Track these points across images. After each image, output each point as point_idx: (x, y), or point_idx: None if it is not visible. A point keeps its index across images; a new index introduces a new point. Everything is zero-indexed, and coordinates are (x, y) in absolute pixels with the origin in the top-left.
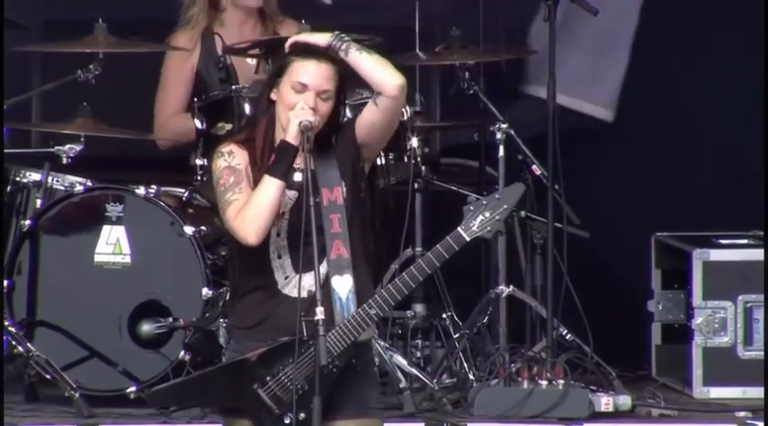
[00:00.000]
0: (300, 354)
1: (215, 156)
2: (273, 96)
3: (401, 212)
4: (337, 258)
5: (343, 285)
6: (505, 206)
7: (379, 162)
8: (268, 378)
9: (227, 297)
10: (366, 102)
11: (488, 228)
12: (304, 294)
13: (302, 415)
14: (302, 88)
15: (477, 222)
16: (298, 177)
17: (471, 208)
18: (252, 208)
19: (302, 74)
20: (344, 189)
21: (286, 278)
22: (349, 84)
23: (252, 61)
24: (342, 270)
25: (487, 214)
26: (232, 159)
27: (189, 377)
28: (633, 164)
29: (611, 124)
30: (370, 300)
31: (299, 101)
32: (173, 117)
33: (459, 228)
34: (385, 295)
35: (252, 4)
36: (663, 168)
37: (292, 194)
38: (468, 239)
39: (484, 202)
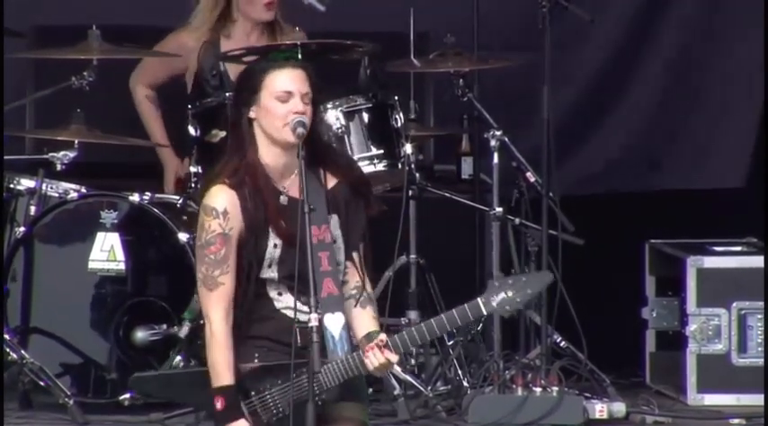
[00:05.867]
0: (291, 378)
1: (208, 209)
2: (252, 114)
3: (395, 219)
4: (328, 296)
5: (336, 323)
6: (529, 291)
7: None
8: (252, 393)
9: None
10: (359, 110)
11: (507, 308)
12: (291, 313)
13: None
14: (287, 96)
15: (499, 298)
16: (284, 201)
17: (496, 283)
18: (210, 354)
19: (283, 82)
20: (332, 226)
21: (279, 294)
22: (323, 88)
23: None
24: (333, 308)
25: (510, 293)
26: (227, 224)
27: (176, 371)
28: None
29: None
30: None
31: (288, 109)
32: (145, 100)
33: (479, 299)
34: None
35: (265, 18)
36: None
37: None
38: (485, 313)
39: (510, 281)
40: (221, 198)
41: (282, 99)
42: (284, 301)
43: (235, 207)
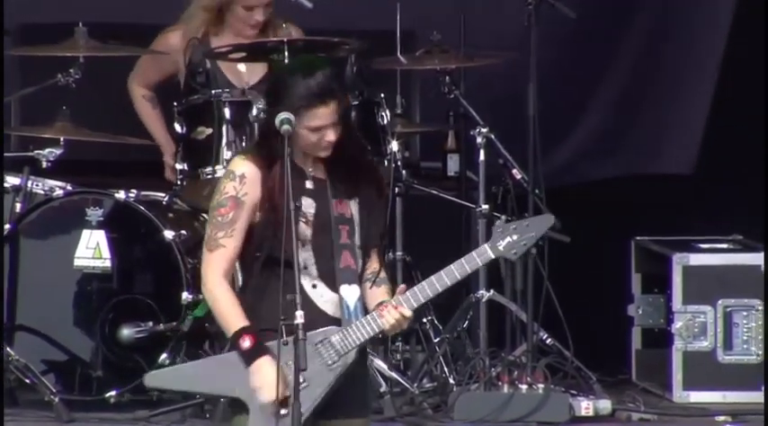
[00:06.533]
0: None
1: (227, 173)
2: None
3: None
4: (345, 268)
5: (352, 294)
6: (533, 233)
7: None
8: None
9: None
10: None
11: (514, 251)
12: (330, 308)
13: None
14: (318, 130)
15: (505, 243)
16: (310, 185)
17: (500, 229)
18: (216, 307)
19: (314, 119)
20: (358, 208)
21: (314, 286)
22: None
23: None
24: (350, 280)
25: (515, 237)
26: (242, 188)
27: (188, 363)
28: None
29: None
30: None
31: (318, 137)
32: (142, 100)
33: (485, 244)
34: (400, 300)
35: (259, 19)
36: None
37: (309, 203)
38: (493, 256)
39: (513, 226)
40: (241, 164)
41: (314, 131)
42: (318, 292)
43: (254, 176)
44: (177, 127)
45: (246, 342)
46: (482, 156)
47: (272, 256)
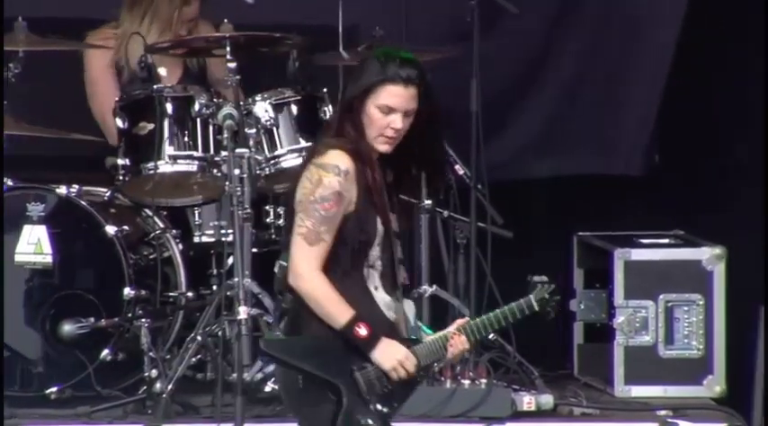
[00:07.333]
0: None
1: (330, 166)
2: (358, 106)
3: None
4: (402, 284)
5: (409, 308)
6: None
7: None
8: (368, 364)
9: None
10: (288, 102)
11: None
12: (386, 311)
13: (384, 409)
14: (389, 110)
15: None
16: None
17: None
18: (320, 298)
19: (390, 97)
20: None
21: (375, 288)
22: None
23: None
24: (407, 294)
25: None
26: (347, 183)
27: (301, 337)
28: None
29: None
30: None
31: (386, 122)
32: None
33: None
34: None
35: (193, 16)
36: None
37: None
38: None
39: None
40: (343, 159)
41: (384, 111)
42: (379, 294)
43: (353, 172)
44: (119, 122)
45: (363, 330)
46: None
47: (355, 250)
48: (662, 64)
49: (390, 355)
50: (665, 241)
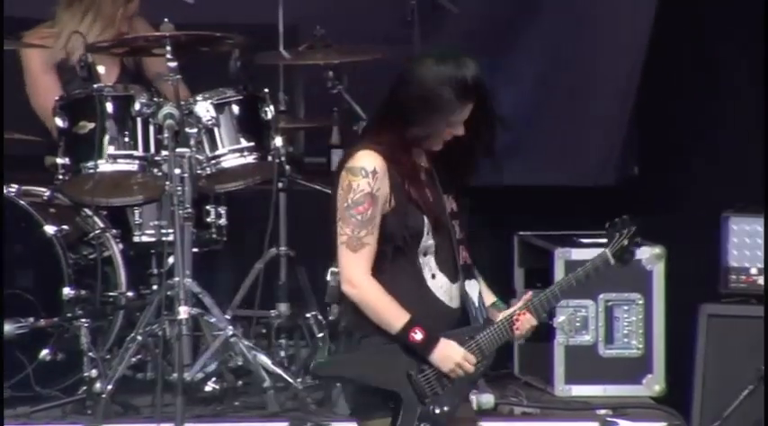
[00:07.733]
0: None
1: (357, 169)
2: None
3: (265, 212)
4: (464, 263)
5: (473, 289)
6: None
7: None
8: (426, 367)
9: None
10: (229, 102)
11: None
12: (446, 298)
13: (446, 408)
14: (455, 124)
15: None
16: (423, 176)
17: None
18: (372, 304)
19: (465, 114)
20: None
21: (433, 277)
22: None
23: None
24: (468, 275)
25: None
26: (375, 183)
27: (350, 353)
28: None
29: None
30: (531, 301)
31: (450, 130)
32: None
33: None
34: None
35: (135, 12)
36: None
37: (430, 193)
38: (612, 263)
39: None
40: (369, 159)
41: (451, 123)
42: (437, 282)
43: (383, 169)
44: (59, 121)
45: (419, 334)
46: None
47: (403, 246)
48: (631, 79)
49: (448, 358)
50: (605, 240)
